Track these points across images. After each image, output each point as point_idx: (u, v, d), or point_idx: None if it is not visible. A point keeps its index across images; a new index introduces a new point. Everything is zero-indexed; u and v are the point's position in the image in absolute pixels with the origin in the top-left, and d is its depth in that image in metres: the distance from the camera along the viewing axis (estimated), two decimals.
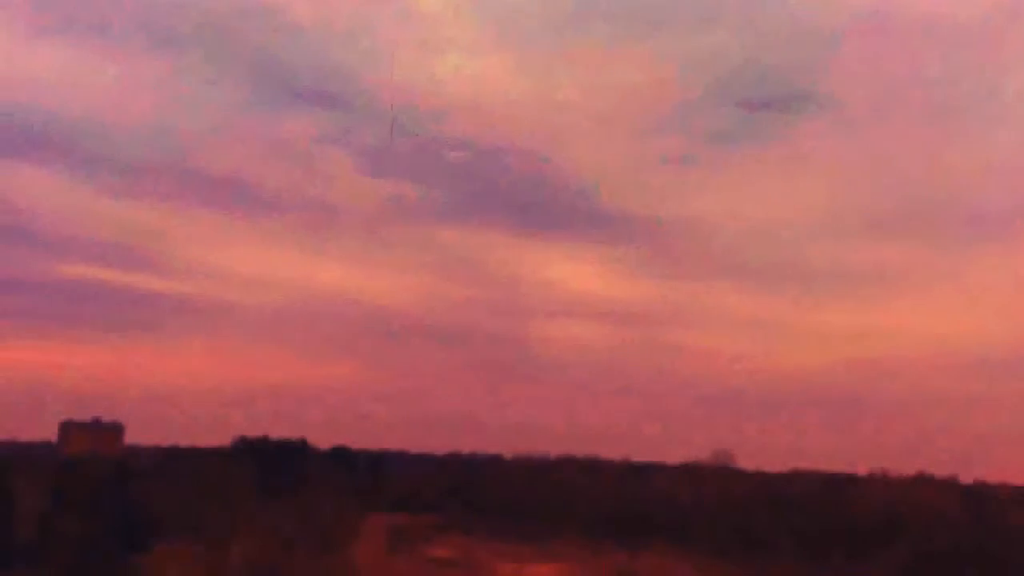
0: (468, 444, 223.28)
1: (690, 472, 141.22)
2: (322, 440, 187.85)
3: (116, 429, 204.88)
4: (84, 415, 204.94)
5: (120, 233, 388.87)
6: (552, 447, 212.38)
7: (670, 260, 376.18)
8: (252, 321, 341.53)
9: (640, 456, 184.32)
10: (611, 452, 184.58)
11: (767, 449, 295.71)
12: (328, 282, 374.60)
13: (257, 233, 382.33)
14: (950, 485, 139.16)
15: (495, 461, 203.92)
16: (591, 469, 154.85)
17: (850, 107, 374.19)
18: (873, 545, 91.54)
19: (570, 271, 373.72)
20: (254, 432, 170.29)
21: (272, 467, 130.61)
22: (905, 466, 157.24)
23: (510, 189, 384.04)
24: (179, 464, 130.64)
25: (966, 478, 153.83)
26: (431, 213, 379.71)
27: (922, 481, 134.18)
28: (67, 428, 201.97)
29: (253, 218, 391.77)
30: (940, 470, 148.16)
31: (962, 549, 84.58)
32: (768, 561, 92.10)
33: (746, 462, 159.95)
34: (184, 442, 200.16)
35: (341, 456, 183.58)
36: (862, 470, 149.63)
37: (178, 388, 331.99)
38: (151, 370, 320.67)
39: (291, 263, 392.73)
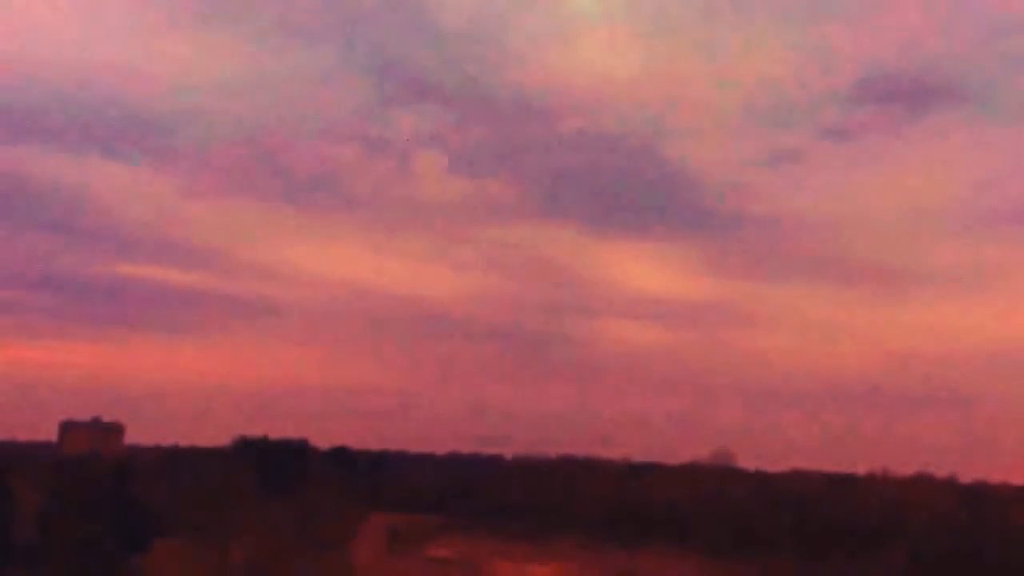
0: (522, 446, 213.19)
1: (690, 472, 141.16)
2: (362, 442, 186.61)
3: (116, 429, 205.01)
4: (84, 415, 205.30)
5: (202, 231, 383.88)
6: (600, 449, 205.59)
7: (751, 256, 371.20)
8: (309, 319, 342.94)
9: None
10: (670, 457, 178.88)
11: (840, 450, 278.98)
12: (395, 281, 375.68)
13: (332, 231, 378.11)
14: (950, 485, 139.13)
15: (495, 461, 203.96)
16: (591, 469, 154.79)
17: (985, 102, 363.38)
18: (873, 545, 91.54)
19: (653, 268, 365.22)
20: (292, 432, 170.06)
21: (272, 467, 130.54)
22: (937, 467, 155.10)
23: (611, 186, 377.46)
24: (179, 464, 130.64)
25: (965, 478, 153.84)
26: (518, 211, 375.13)
27: (922, 481, 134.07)
28: (67, 428, 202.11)
29: (332, 215, 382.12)
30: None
31: (962, 549, 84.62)
32: (768, 561, 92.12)
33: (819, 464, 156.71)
34: (200, 442, 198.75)
35: (341, 456, 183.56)
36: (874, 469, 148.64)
37: (209, 386, 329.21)
38: (197, 369, 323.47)
39: (361, 261, 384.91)
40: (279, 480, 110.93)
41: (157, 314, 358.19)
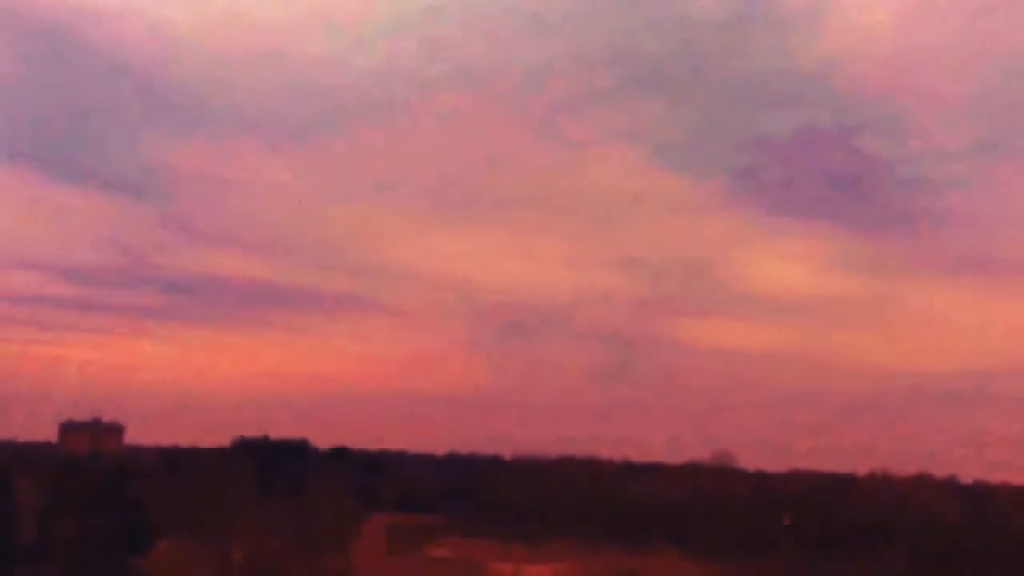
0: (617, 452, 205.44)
1: (690, 472, 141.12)
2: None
3: (116, 429, 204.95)
4: (84, 415, 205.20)
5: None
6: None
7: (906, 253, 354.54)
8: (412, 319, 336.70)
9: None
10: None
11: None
12: (506, 280, 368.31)
13: (456, 228, 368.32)
14: (950, 485, 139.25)
15: (495, 461, 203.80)
16: (591, 469, 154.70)
17: None
18: (873, 545, 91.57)
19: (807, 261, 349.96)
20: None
21: (272, 467, 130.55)
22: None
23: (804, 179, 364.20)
24: (179, 464, 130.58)
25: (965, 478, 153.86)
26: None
27: (922, 481, 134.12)
28: (67, 428, 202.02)
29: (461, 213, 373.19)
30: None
31: (962, 549, 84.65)
32: (768, 561, 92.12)
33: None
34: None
35: (341, 456, 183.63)
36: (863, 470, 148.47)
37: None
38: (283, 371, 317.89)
39: (486, 261, 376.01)
40: (279, 480, 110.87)
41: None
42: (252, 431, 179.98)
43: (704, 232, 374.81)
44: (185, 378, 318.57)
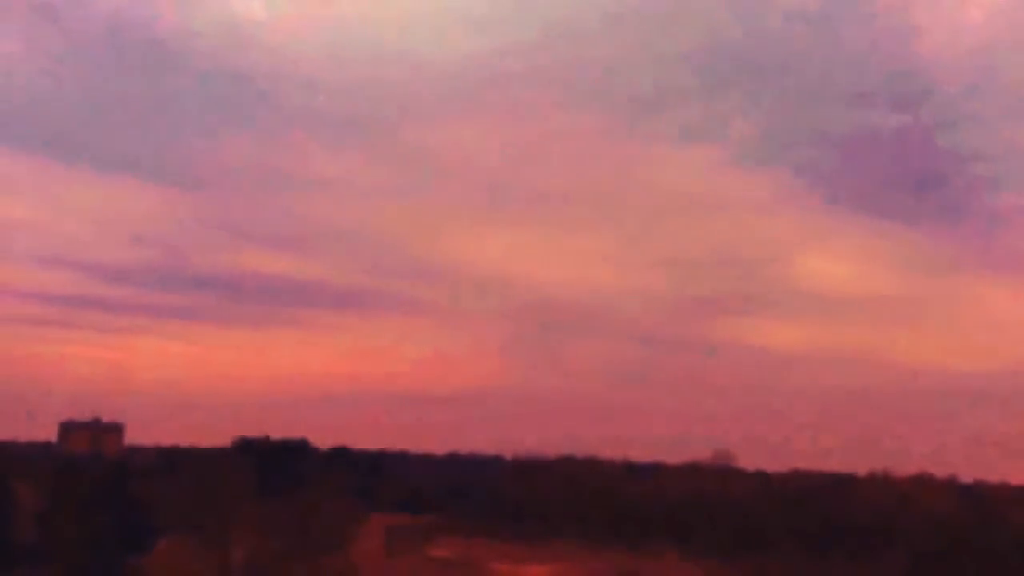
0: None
1: (690, 472, 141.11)
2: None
3: (116, 429, 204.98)
4: (84, 415, 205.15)
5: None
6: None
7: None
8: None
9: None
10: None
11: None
12: (553, 278, 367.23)
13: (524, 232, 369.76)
14: (950, 485, 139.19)
15: (495, 461, 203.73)
16: (591, 469, 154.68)
17: None
18: (873, 545, 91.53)
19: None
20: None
21: (272, 467, 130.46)
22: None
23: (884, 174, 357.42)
24: (179, 464, 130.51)
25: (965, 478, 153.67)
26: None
27: (922, 481, 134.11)
28: (67, 428, 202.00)
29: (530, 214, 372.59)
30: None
31: (962, 549, 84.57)
32: (768, 561, 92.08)
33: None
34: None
35: (341, 456, 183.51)
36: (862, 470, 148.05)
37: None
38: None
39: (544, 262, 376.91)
40: (279, 480, 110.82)
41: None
42: (289, 432, 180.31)
43: (767, 229, 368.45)
44: (219, 377, 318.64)
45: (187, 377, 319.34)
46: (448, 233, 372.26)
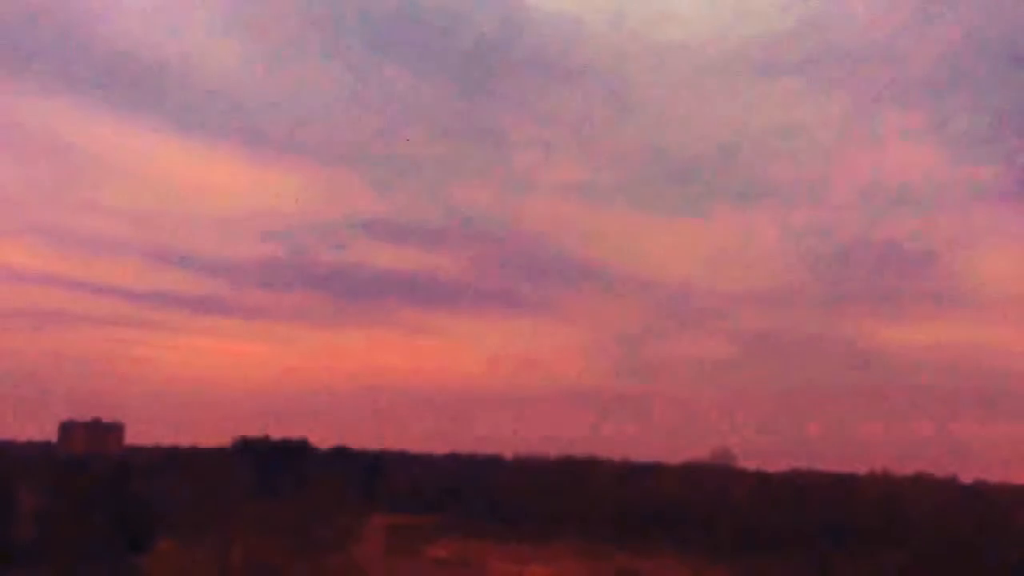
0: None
1: (690, 472, 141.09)
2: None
3: (116, 429, 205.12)
4: (84, 415, 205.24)
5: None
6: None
7: None
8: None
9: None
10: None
11: None
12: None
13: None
14: (950, 485, 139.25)
15: (495, 461, 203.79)
16: (591, 469, 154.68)
17: None
18: (873, 545, 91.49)
19: None
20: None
21: (272, 467, 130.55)
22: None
23: None
24: (179, 464, 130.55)
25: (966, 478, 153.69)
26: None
27: (922, 481, 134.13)
28: (67, 428, 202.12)
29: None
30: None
31: (962, 549, 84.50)
32: (768, 561, 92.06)
33: None
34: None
35: (341, 456, 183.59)
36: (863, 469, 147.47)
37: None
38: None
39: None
40: (279, 480, 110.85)
41: None
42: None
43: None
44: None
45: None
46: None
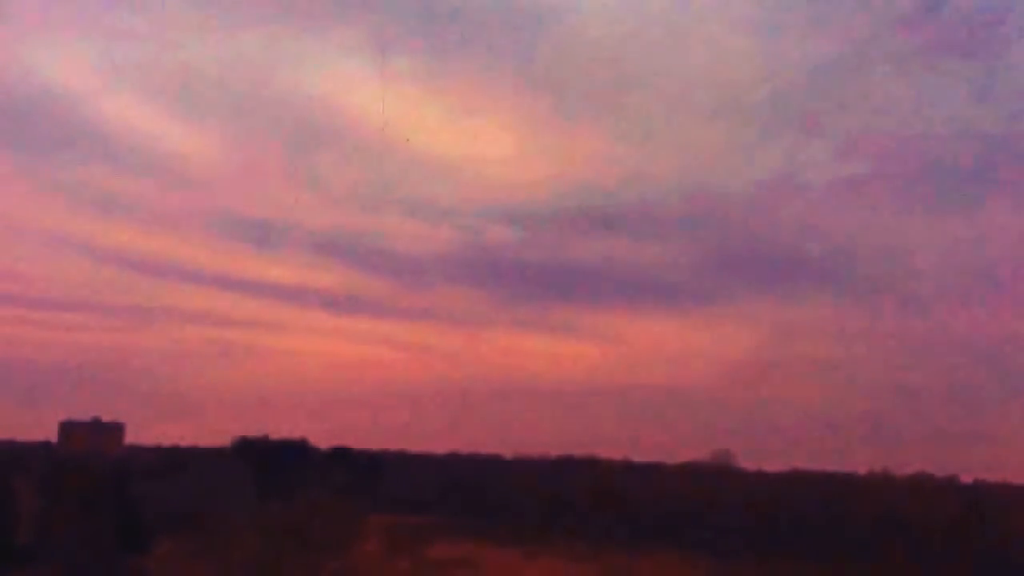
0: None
1: (690, 472, 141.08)
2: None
3: (116, 429, 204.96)
4: (84, 415, 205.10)
5: None
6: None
7: None
8: None
9: None
10: None
11: None
12: None
13: None
14: (950, 485, 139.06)
15: (495, 461, 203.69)
16: (591, 469, 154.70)
17: None
18: (873, 545, 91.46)
19: None
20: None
21: (272, 467, 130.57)
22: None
23: None
24: (179, 464, 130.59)
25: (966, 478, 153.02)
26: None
27: (922, 481, 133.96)
28: (67, 428, 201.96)
29: None
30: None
31: (962, 549, 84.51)
32: (768, 561, 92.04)
33: None
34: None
35: (341, 456, 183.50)
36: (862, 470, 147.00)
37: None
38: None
39: None
40: (279, 480, 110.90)
41: None
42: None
43: None
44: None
45: None
46: None
